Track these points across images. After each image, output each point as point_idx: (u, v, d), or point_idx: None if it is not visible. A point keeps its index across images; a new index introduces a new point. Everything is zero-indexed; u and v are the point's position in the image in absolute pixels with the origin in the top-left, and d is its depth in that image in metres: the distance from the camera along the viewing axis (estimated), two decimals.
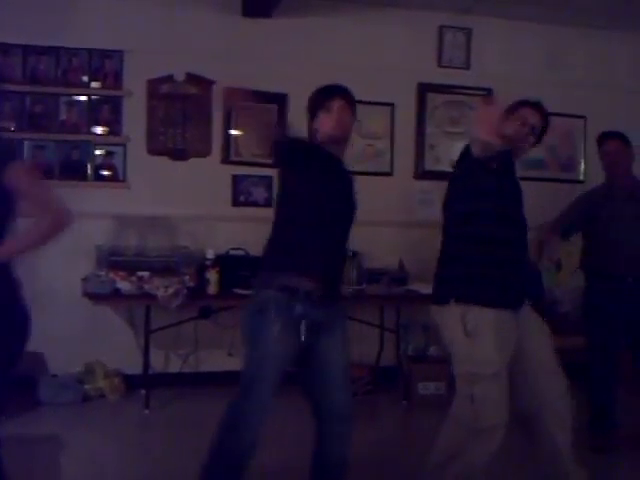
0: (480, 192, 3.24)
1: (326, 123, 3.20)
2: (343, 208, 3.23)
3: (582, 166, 6.58)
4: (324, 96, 3.26)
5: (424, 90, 6.34)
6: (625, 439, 4.58)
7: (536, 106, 3.42)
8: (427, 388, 5.38)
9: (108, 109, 5.71)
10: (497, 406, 3.20)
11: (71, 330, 5.40)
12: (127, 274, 5.23)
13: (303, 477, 3.29)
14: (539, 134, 3.43)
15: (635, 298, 4.50)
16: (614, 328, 4.56)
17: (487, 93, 6.33)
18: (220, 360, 5.65)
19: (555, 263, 5.52)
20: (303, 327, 3.08)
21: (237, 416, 3.13)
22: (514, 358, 3.28)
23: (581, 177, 6.56)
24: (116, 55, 5.68)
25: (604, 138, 4.68)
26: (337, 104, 3.20)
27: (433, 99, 6.37)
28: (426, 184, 6.23)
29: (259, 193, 5.88)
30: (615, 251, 4.51)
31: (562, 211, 4.80)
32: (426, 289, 5.49)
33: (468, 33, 6.39)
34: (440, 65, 6.38)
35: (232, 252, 5.56)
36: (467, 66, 6.42)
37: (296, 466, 3.45)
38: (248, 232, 5.34)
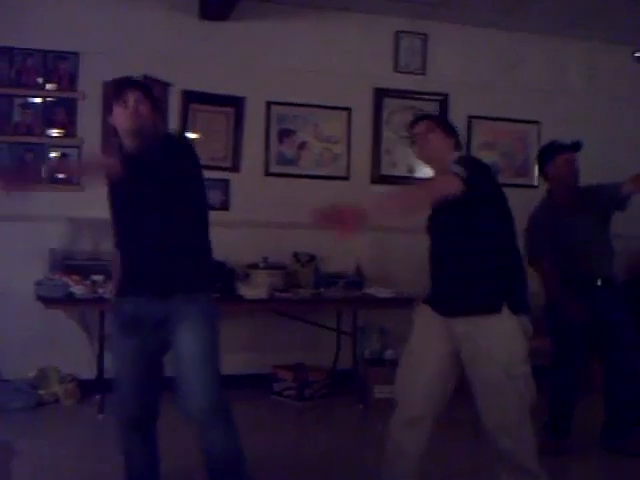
0: None
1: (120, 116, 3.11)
2: (138, 204, 3.11)
3: (536, 171, 6.63)
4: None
5: (380, 95, 6.38)
6: (577, 441, 4.64)
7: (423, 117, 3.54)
8: (383, 391, 5.38)
9: (63, 111, 5.65)
10: (397, 381, 3.41)
11: (25, 334, 5.34)
12: (81, 278, 5.18)
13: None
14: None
15: (603, 300, 4.56)
16: (579, 332, 4.58)
17: (443, 98, 6.41)
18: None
19: None
20: (138, 326, 3.12)
21: None
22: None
23: (535, 182, 6.60)
24: (71, 57, 5.63)
25: (564, 148, 4.67)
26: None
27: (389, 104, 6.41)
28: (382, 188, 6.26)
29: (215, 196, 5.84)
30: (582, 255, 4.54)
31: (528, 243, 4.52)
32: (382, 293, 5.57)
33: (424, 38, 6.44)
34: (396, 70, 6.43)
35: None
36: (423, 71, 6.47)
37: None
38: None
